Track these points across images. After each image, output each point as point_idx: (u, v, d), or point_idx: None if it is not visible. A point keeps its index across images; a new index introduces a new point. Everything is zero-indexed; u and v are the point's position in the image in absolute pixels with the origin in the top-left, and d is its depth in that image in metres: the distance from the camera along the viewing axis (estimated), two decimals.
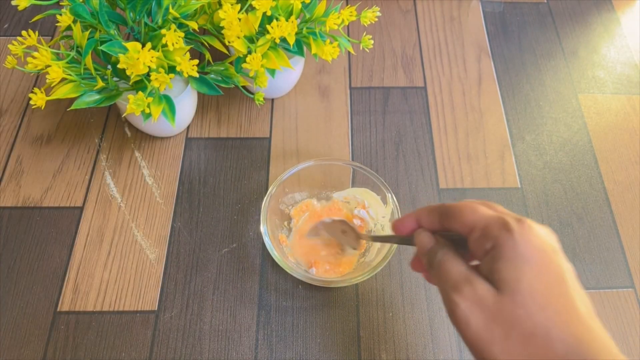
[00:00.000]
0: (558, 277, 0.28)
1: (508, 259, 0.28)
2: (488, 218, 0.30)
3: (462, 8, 0.70)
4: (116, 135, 0.58)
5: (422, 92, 0.62)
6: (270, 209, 0.48)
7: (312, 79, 0.63)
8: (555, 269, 0.29)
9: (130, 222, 0.52)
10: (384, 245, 0.46)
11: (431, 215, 0.34)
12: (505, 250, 0.29)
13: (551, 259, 0.29)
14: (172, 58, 0.45)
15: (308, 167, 0.50)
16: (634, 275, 0.50)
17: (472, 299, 0.29)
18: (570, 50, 0.67)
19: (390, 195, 0.48)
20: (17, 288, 0.48)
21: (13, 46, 0.46)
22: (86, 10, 0.45)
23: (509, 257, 0.28)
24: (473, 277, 0.30)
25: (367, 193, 0.50)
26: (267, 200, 0.47)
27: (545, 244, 0.29)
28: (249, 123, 0.59)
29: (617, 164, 0.57)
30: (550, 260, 0.29)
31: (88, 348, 0.45)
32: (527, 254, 0.28)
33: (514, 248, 0.29)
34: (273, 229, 0.48)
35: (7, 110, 0.59)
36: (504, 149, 0.58)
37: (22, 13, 0.68)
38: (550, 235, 0.30)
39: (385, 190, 0.49)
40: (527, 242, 0.29)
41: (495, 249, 0.29)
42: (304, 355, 0.46)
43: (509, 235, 0.29)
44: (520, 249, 0.28)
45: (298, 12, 0.49)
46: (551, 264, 0.29)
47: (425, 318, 0.48)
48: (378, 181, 0.49)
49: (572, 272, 0.29)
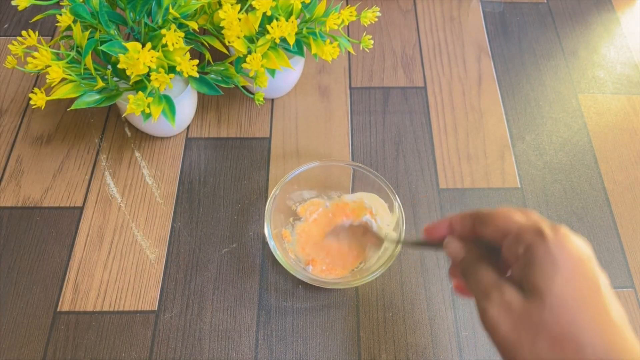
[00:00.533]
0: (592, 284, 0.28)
1: (540, 264, 0.29)
2: (522, 224, 0.30)
3: (462, 8, 0.70)
4: (116, 135, 0.58)
5: (422, 92, 0.62)
6: (275, 208, 0.47)
7: (312, 79, 0.63)
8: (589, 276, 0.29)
9: (130, 222, 0.52)
10: (385, 253, 0.46)
11: (464, 221, 0.34)
12: (538, 256, 0.29)
13: (586, 267, 0.29)
14: (172, 58, 0.45)
15: (314, 168, 0.49)
16: (634, 275, 0.50)
17: (500, 304, 0.29)
18: (570, 50, 0.67)
19: (397, 203, 0.48)
20: (17, 288, 0.48)
21: (13, 46, 0.46)
22: (86, 10, 0.45)
23: (540, 263, 0.29)
24: (502, 283, 0.30)
25: (375, 199, 0.50)
26: (270, 202, 0.47)
27: (580, 252, 0.29)
28: (249, 123, 0.59)
29: (617, 164, 0.57)
30: (585, 267, 0.29)
31: (88, 348, 0.45)
32: (560, 261, 0.28)
33: (547, 254, 0.29)
34: (277, 227, 0.48)
35: (7, 110, 0.59)
36: (504, 149, 0.58)
37: (22, 13, 0.68)
38: (586, 245, 0.30)
39: (392, 198, 0.48)
40: (561, 248, 0.29)
41: (527, 254, 0.29)
42: (304, 355, 0.46)
43: (542, 240, 0.29)
44: (553, 255, 0.28)
45: (298, 12, 0.49)
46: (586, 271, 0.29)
47: (425, 318, 0.48)
48: (387, 188, 0.49)
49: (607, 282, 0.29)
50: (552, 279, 0.28)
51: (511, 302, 0.29)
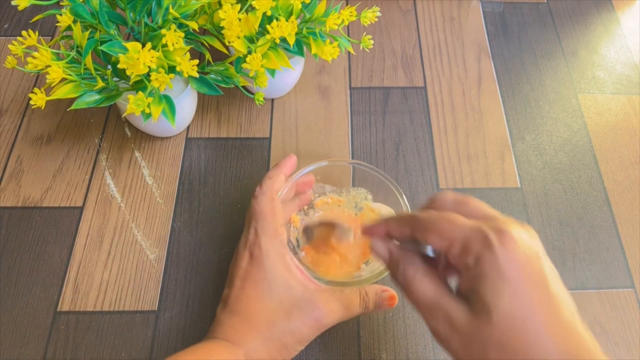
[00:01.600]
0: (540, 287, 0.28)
1: (488, 279, 0.28)
2: (467, 231, 0.29)
3: (462, 8, 0.70)
4: (116, 135, 0.58)
5: (422, 92, 0.62)
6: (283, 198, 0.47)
7: (312, 79, 0.63)
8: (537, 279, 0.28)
9: (130, 222, 0.52)
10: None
11: (402, 227, 0.33)
12: (486, 270, 0.28)
13: (533, 268, 0.28)
14: (172, 58, 0.45)
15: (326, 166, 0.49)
16: (634, 275, 0.50)
17: (445, 322, 0.29)
18: (570, 50, 0.67)
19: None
20: (17, 288, 0.48)
21: (13, 46, 0.46)
22: (86, 10, 0.45)
23: (488, 277, 0.28)
24: (445, 300, 0.30)
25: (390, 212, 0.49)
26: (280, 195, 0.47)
27: (527, 253, 0.29)
28: (249, 123, 0.59)
29: (617, 164, 0.57)
30: (533, 269, 0.28)
31: (88, 348, 0.45)
32: (508, 272, 0.28)
33: (494, 266, 0.28)
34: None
35: (7, 110, 0.59)
36: (504, 149, 0.58)
37: (22, 13, 0.68)
38: (533, 240, 0.30)
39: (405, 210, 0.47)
40: (508, 256, 0.28)
41: (476, 266, 0.28)
42: (304, 355, 0.46)
43: (489, 251, 0.28)
44: (501, 265, 0.28)
45: (298, 12, 0.49)
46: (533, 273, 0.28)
47: None
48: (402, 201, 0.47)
49: (555, 276, 0.29)
50: (499, 294, 0.27)
51: (457, 320, 0.29)
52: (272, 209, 0.43)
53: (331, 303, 0.40)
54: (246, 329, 0.38)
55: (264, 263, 0.40)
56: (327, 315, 0.39)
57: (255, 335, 0.38)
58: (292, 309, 0.39)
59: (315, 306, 0.39)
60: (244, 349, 0.37)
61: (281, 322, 0.38)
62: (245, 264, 0.41)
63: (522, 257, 0.28)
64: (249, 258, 0.41)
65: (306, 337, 0.40)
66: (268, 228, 0.42)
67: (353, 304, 0.41)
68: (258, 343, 0.38)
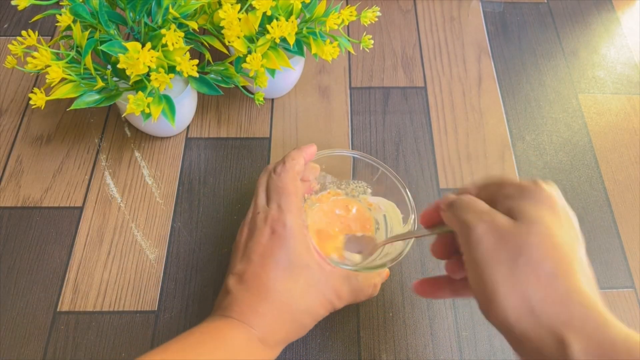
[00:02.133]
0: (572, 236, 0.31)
1: (532, 200, 0.31)
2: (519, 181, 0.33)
3: (462, 8, 0.70)
4: (116, 135, 0.58)
5: (422, 92, 0.62)
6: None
7: (312, 79, 0.63)
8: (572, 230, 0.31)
9: (130, 222, 0.52)
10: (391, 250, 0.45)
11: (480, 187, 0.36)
12: (530, 193, 0.31)
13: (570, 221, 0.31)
14: (172, 58, 0.45)
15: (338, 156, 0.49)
16: (634, 276, 0.50)
17: (489, 223, 0.31)
18: (570, 50, 0.67)
19: (413, 216, 0.46)
20: (17, 288, 0.48)
21: (13, 46, 0.46)
22: (86, 10, 0.45)
23: (533, 199, 0.31)
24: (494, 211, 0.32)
25: (392, 208, 0.48)
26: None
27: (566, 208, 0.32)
28: (249, 123, 0.59)
29: (617, 164, 0.57)
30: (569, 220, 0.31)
31: (88, 348, 0.45)
32: (551, 203, 0.31)
33: (539, 194, 0.31)
34: None
35: (7, 110, 0.59)
36: (504, 149, 0.58)
37: (22, 13, 0.68)
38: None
39: (410, 211, 0.46)
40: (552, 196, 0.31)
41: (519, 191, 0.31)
42: (304, 355, 0.46)
43: (535, 185, 0.31)
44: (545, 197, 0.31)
45: (298, 12, 0.49)
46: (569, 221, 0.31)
47: (425, 318, 0.48)
48: (407, 200, 0.47)
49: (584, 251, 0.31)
50: (542, 214, 0.30)
51: (500, 223, 0.30)
52: (296, 188, 0.42)
53: (345, 287, 0.41)
54: (266, 310, 0.38)
55: (288, 242, 0.39)
56: (341, 297, 0.41)
57: (275, 316, 0.38)
58: (310, 289, 0.39)
59: (332, 288, 0.40)
60: (260, 330, 0.37)
61: (299, 302, 0.39)
62: (265, 240, 0.40)
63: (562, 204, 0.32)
64: (271, 234, 0.40)
65: (321, 317, 0.41)
66: (292, 206, 0.41)
67: (364, 291, 0.43)
68: (277, 324, 0.38)
